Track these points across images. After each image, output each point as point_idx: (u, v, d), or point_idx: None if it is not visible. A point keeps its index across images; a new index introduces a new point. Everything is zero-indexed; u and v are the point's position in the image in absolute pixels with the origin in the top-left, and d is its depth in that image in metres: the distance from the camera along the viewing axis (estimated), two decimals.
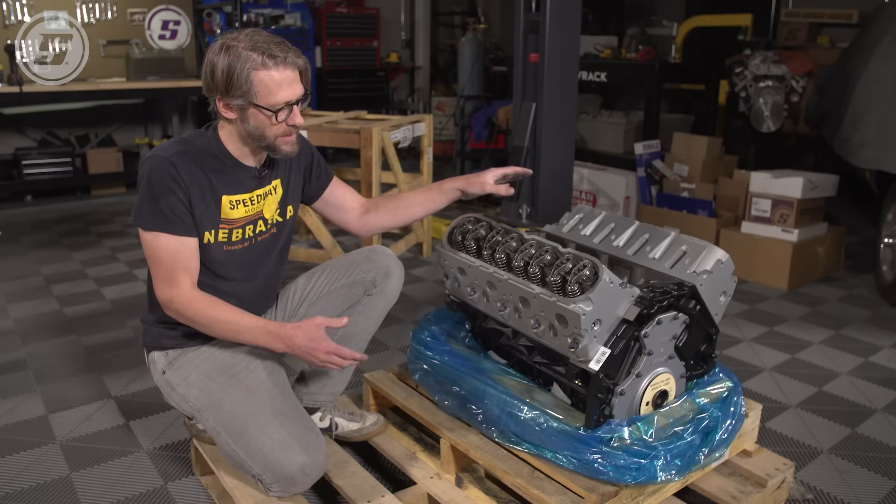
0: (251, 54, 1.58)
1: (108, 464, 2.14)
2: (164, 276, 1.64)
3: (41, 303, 3.47)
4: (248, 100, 1.60)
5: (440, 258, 1.95)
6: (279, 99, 1.61)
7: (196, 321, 1.64)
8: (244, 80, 1.58)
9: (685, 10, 7.06)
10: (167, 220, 1.62)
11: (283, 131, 1.66)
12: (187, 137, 1.71)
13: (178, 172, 1.62)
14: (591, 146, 5.93)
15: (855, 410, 2.51)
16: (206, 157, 1.68)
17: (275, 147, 1.68)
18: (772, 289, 3.78)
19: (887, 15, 4.05)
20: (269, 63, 1.58)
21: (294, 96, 1.63)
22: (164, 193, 1.61)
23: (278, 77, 1.60)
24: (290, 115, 1.64)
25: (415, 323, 2.12)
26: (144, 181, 1.63)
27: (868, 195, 4.46)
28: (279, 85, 1.60)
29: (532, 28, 3.66)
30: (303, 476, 1.62)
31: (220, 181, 1.69)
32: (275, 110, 1.61)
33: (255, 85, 1.59)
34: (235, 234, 1.75)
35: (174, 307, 1.64)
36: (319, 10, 7.23)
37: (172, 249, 1.63)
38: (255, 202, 1.76)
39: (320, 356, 1.59)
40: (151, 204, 1.62)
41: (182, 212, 1.63)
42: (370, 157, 3.60)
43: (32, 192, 5.65)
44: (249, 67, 1.57)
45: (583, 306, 1.51)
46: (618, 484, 1.57)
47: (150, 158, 1.64)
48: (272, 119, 1.62)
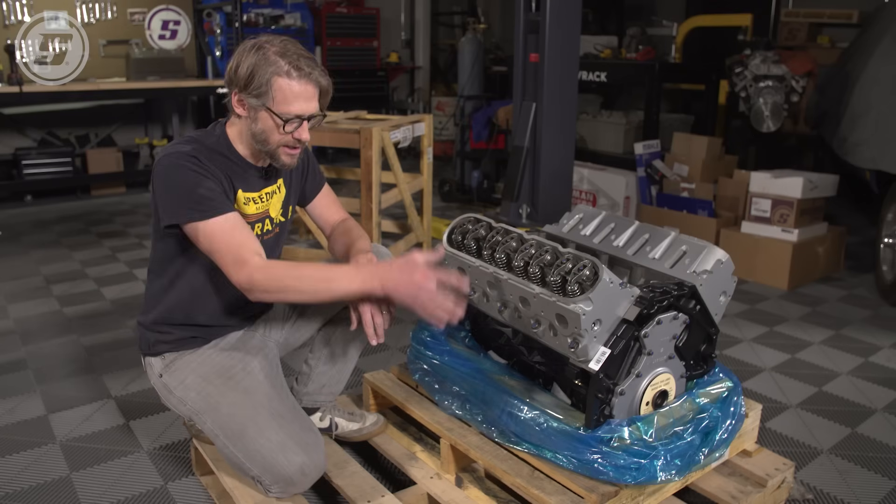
0: (279, 60, 1.59)
1: (108, 464, 2.14)
2: (233, 259, 1.56)
3: (41, 303, 3.47)
4: (263, 102, 1.61)
5: (440, 258, 1.94)
6: (292, 110, 1.61)
7: (287, 287, 1.55)
8: (265, 82, 1.58)
9: (685, 10, 7.06)
10: (211, 204, 1.57)
11: (287, 142, 1.65)
12: (196, 136, 1.70)
13: (202, 162, 1.61)
14: (591, 146, 5.93)
15: (855, 410, 2.51)
16: (216, 155, 1.68)
17: (275, 155, 1.68)
18: (772, 289, 3.78)
19: (887, 15, 4.05)
20: (293, 73, 1.59)
21: (307, 112, 1.63)
22: (197, 182, 1.58)
23: (297, 89, 1.60)
24: (298, 129, 1.64)
25: (415, 323, 2.12)
26: (169, 179, 1.59)
27: (868, 195, 4.46)
28: (296, 97, 1.61)
29: (532, 28, 3.66)
30: (302, 476, 1.62)
31: (233, 176, 1.69)
32: (285, 119, 1.61)
33: (273, 90, 1.59)
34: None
35: (257, 284, 1.53)
36: (319, 10, 7.23)
37: (228, 228, 1.58)
38: (263, 200, 1.77)
39: (423, 297, 1.51)
40: (187, 196, 1.57)
41: (220, 193, 1.61)
42: (370, 157, 3.59)
43: (32, 192, 5.65)
44: (273, 72, 1.58)
45: (583, 306, 1.51)
46: (618, 484, 1.57)
47: (166, 157, 1.62)
48: (280, 128, 1.62)
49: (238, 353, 1.79)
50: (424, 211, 4.33)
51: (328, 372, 2.00)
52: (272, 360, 1.83)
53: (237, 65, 1.62)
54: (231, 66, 1.64)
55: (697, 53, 5.98)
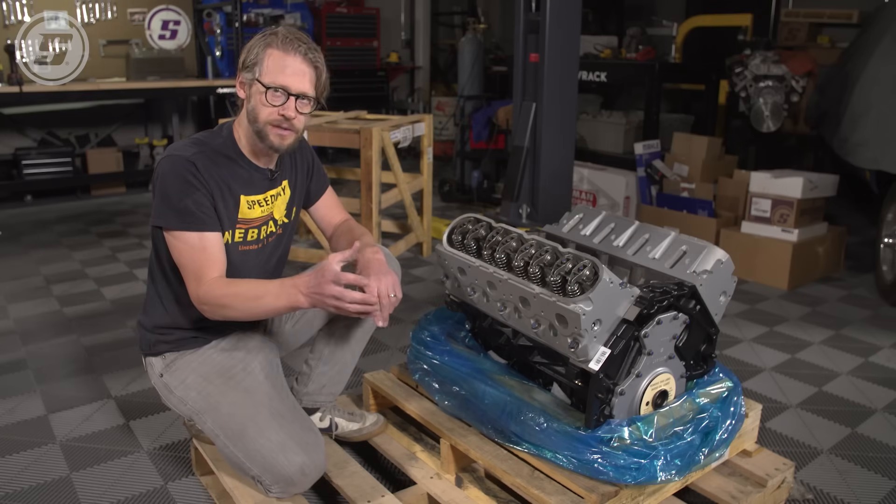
0: (274, 36, 1.63)
1: (108, 464, 2.14)
2: (193, 274, 1.61)
3: (41, 303, 3.47)
4: (254, 75, 1.63)
5: (440, 258, 1.95)
6: (279, 80, 1.62)
7: (225, 304, 1.58)
8: (257, 53, 1.62)
9: (685, 10, 7.06)
10: (193, 218, 1.61)
11: (273, 119, 1.64)
12: (202, 138, 1.71)
13: (198, 171, 1.62)
14: (591, 146, 5.93)
15: (855, 410, 2.51)
16: (221, 158, 1.68)
17: (264, 134, 1.66)
18: (772, 289, 3.78)
19: (887, 15, 4.05)
20: (285, 45, 1.62)
21: (296, 87, 1.63)
22: (187, 192, 1.60)
23: (287, 60, 1.62)
24: (284, 106, 1.63)
25: (415, 323, 2.12)
26: (164, 182, 1.62)
27: (868, 195, 4.46)
28: (285, 67, 1.62)
29: (532, 28, 3.66)
30: (302, 476, 1.62)
31: (236, 181, 1.69)
32: (269, 87, 1.61)
33: (264, 60, 1.62)
34: (251, 234, 1.75)
35: (202, 300, 1.59)
36: (319, 10, 7.23)
37: (199, 247, 1.62)
38: (268, 202, 1.77)
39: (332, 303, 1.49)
40: (175, 204, 1.60)
41: (207, 208, 1.63)
42: (370, 157, 3.60)
43: (32, 192, 5.65)
44: (266, 43, 1.63)
45: (583, 306, 1.51)
46: (618, 484, 1.57)
47: (167, 158, 1.63)
48: (264, 96, 1.62)
49: (238, 352, 1.79)
50: (424, 211, 4.33)
51: (328, 372, 1.99)
52: (272, 360, 1.83)
53: (246, 51, 1.66)
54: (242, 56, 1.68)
55: (697, 53, 5.98)
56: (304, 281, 1.53)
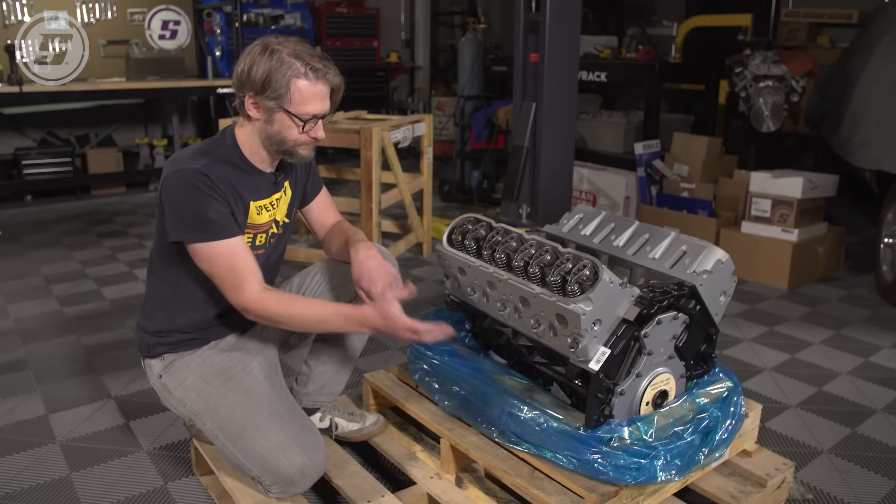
0: (294, 62, 1.60)
1: (108, 464, 2.14)
2: (231, 283, 1.61)
3: (41, 303, 3.47)
4: (280, 104, 1.62)
5: (440, 258, 1.95)
6: (309, 110, 1.63)
7: (277, 321, 1.65)
8: (283, 84, 1.59)
9: (685, 10, 7.05)
10: (219, 227, 1.60)
11: (304, 141, 1.67)
12: (206, 148, 1.70)
13: (212, 182, 1.61)
14: (591, 146, 5.93)
15: (855, 410, 2.51)
16: (228, 166, 1.68)
17: (293, 152, 1.69)
18: (772, 289, 3.78)
19: (887, 15, 4.05)
20: (311, 74, 1.61)
21: (322, 111, 1.65)
22: (206, 203, 1.59)
23: (315, 90, 1.62)
24: (314, 128, 1.66)
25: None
26: (178, 197, 1.60)
27: (868, 195, 4.46)
28: (314, 97, 1.63)
29: (532, 28, 3.66)
30: (302, 476, 1.62)
31: (244, 188, 1.69)
32: (304, 120, 1.63)
33: (292, 92, 1.60)
34: (259, 239, 1.76)
35: (253, 313, 1.62)
36: (319, 10, 7.23)
37: (230, 254, 1.61)
38: (273, 206, 1.78)
39: (402, 334, 1.59)
40: (196, 217, 1.59)
41: (227, 215, 1.63)
42: (370, 157, 3.60)
43: (32, 192, 5.65)
44: (291, 74, 1.59)
45: (583, 306, 1.51)
46: (618, 484, 1.57)
47: (176, 173, 1.61)
48: (300, 128, 1.64)
49: (237, 353, 1.79)
50: (424, 211, 4.33)
51: (328, 372, 2.00)
52: (271, 361, 1.83)
53: (249, 68, 1.61)
54: (242, 70, 1.63)
55: (697, 53, 5.98)
56: (370, 321, 1.59)
